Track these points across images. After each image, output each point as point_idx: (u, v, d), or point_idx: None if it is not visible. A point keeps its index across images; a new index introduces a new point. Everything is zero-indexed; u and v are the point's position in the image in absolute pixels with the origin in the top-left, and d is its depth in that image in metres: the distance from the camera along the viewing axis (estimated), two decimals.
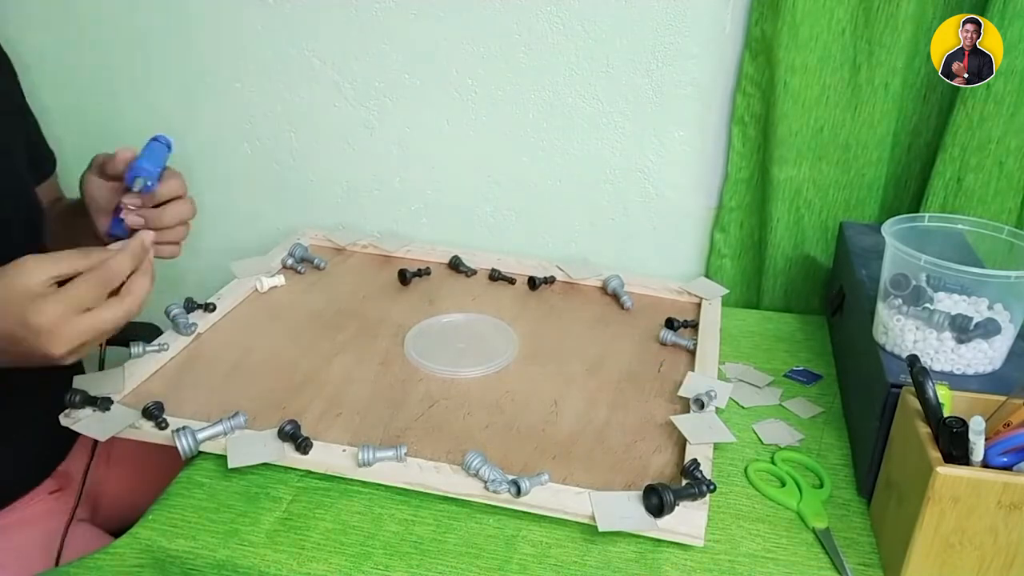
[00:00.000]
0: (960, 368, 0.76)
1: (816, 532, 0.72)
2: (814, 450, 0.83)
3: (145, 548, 0.70)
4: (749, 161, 1.08)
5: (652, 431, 0.82)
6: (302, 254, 1.11)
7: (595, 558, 0.69)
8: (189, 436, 0.75)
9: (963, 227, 0.83)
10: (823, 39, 0.97)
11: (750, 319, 1.07)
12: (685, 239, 1.17)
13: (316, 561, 0.67)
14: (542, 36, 1.09)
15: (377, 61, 1.15)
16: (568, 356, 0.94)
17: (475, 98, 1.14)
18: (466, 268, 1.12)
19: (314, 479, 0.76)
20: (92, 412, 0.78)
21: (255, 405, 0.83)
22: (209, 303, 0.97)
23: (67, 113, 1.24)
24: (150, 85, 1.22)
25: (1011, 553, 0.62)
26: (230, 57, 1.18)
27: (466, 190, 1.20)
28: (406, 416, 0.83)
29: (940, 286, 0.79)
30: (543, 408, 0.85)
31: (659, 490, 0.69)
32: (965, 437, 0.62)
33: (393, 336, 0.96)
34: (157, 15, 1.18)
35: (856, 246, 0.96)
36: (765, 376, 0.94)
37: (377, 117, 1.18)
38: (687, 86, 1.08)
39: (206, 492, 0.74)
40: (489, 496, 0.72)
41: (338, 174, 1.23)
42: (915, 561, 0.64)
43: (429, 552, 0.69)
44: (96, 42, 1.21)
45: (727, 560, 0.69)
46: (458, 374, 0.90)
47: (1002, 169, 0.97)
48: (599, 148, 1.14)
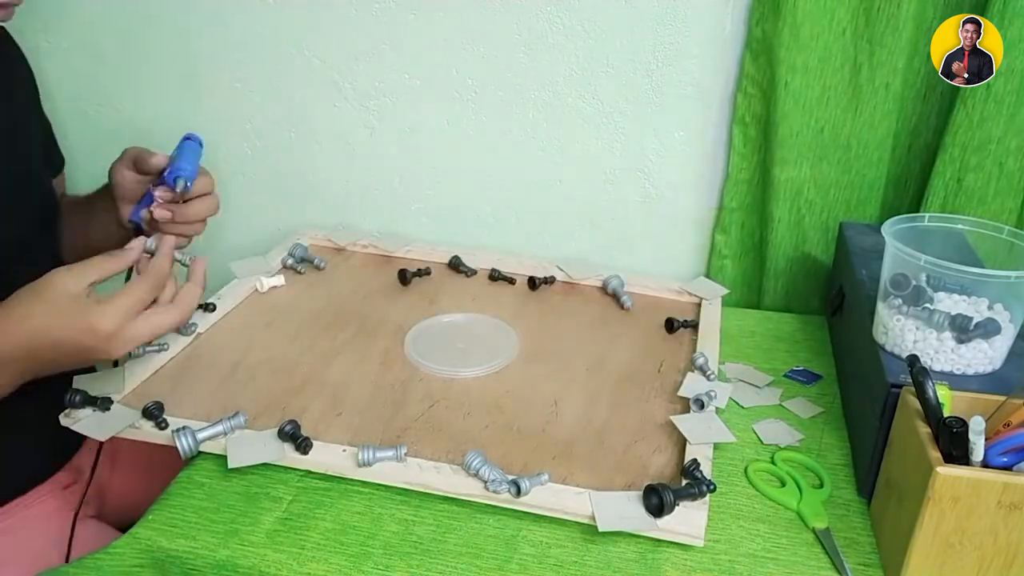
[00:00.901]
0: (960, 368, 0.76)
1: (816, 532, 0.72)
2: (814, 450, 0.83)
3: (145, 548, 0.70)
4: (750, 162, 1.08)
5: (652, 431, 0.82)
6: (302, 254, 1.11)
7: (595, 558, 0.69)
8: (189, 436, 0.75)
9: (963, 227, 0.83)
10: (824, 39, 0.97)
11: (750, 319, 1.07)
12: (685, 239, 1.17)
13: (316, 561, 0.67)
14: (542, 36, 1.09)
15: (377, 61, 1.15)
16: (568, 356, 0.94)
17: (475, 98, 1.14)
18: (466, 268, 1.12)
19: (314, 479, 0.76)
20: (92, 412, 0.78)
21: (255, 405, 0.83)
22: (209, 303, 0.97)
23: (67, 113, 1.24)
24: (150, 85, 1.22)
25: (1011, 553, 0.62)
26: (230, 57, 1.18)
27: (466, 190, 1.20)
28: (406, 416, 0.83)
29: (940, 286, 0.79)
30: (543, 408, 0.85)
31: (659, 490, 0.69)
32: (965, 437, 0.62)
33: (393, 336, 0.96)
34: (157, 15, 1.18)
35: (856, 246, 0.96)
36: (765, 376, 0.94)
37: (377, 117, 1.18)
38: (687, 86, 1.07)
39: (206, 492, 0.74)
40: (489, 496, 0.72)
41: (338, 174, 1.23)
42: (915, 561, 0.64)
43: (429, 552, 0.69)
44: (96, 42, 1.21)
45: (727, 560, 0.69)
46: (458, 374, 0.90)
47: (1002, 169, 0.97)
48: (599, 148, 1.13)
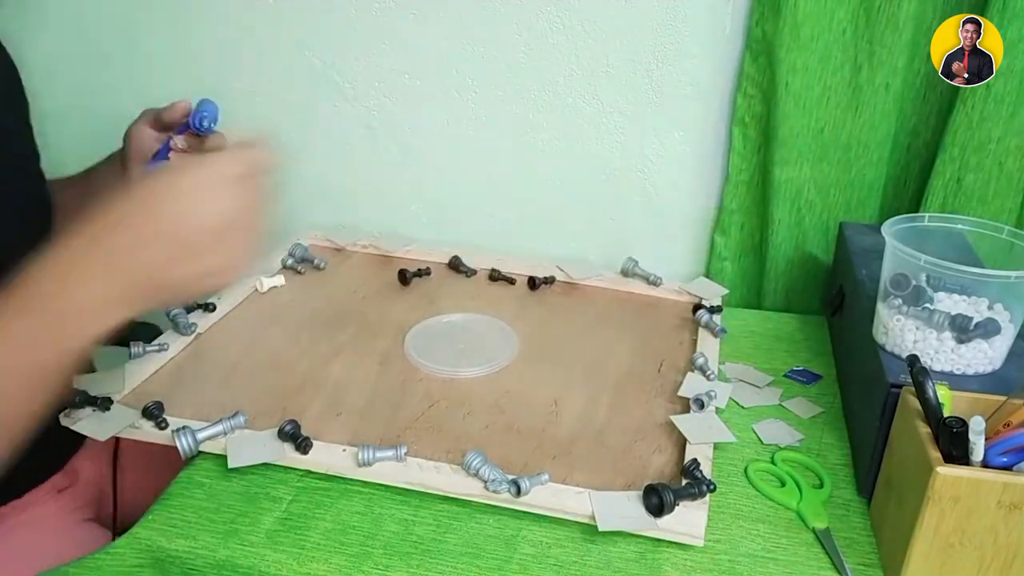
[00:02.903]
0: (960, 368, 0.76)
1: (816, 532, 0.72)
2: (814, 450, 0.83)
3: (145, 548, 0.70)
4: (750, 162, 1.08)
5: (652, 431, 0.82)
6: (302, 254, 1.11)
7: (595, 558, 0.69)
8: (189, 436, 0.75)
9: (963, 227, 0.83)
10: (824, 39, 0.97)
11: (750, 319, 1.07)
12: (685, 240, 1.17)
13: (316, 561, 0.67)
14: (542, 36, 1.09)
15: (377, 61, 1.15)
16: (568, 356, 0.94)
17: (475, 98, 1.14)
18: (466, 268, 1.12)
19: (314, 479, 0.76)
20: (92, 412, 0.78)
21: (255, 405, 0.83)
22: (209, 303, 0.97)
23: (67, 113, 1.24)
24: (150, 85, 1.22)
25: (1011, 553, 0.62)
26: (230, 57, 1.18)
27: (466, 190, 1.20)
28: (406, 416, 0.83)
29: (940, 286, 0.79)
30: (543, 408, 0.85)
31: (659, 490, 0.69)
32: (965, 437, 0.62)
33: (393, 336, 0.96)
34: (157, 15, 1.18)
35: (856, 246, 0.96)
36: (765, 376, 0.94)
37: (377, 117, 1.18)
38: (687, 86, 1.07)
39: (206, 492, 0.74)
40: (489, 496, 0.72)
41: (338, 174, 1.23)
42: (915, 561, 0.64)
43: (429, 552, 0.69)
44: (96, 42, 1.21)
45: (727, 560, 0.69)
46: (458, 374, 0.90)
47: (1002, 169, 0.97)
48: (599, 148, 1.13)
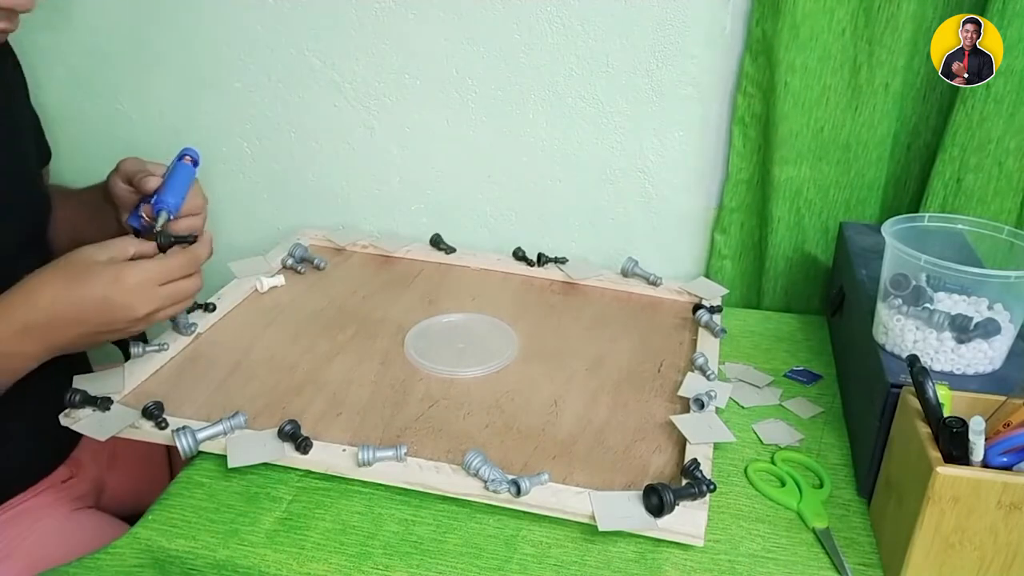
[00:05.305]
0: (960, 368, 0.76)
1: (816, 532, 0.72)
2: (814, 450, 0.83)
3: (145, 548, 0.70)
4: (749, 162, 1.08)
5: (652, 431, 0.82)
6: (302, 254, 1.11)
7: (595, 558, 0.69)
8: (189, 436, 0.75)
9: (963, 227, 0.83)
10: (824, 39, 0.97)
11: (750, 319, 1.07)
12: (685, 239, 1.17)
13: (316, 561, 0.67)
14: (542, 36, 1.08)
15: (377, 61, 1.15)
16: (568, 356, 0.94)
17: (475, 98, 1.14)
18: (446, 246, 1.15)
19: (314, 479, 0.76)
20: (92, 412, 0.78)
21: (255, 405, 0.83)
22: (209, 303, 0.97)
23: (67, 113, 1.24)
24: (150, 85, 1.22)
25: (1011, 553, 0.62)
26: (230, 57, 1.18)
27: (466, 190, 1.20)
28: (406, 416, 0.83)
29: (940, 286, 0.79)
30: (543, 408, 0.85)
31: (659, 490, 0.69)
32: (965, 437, 0.62)
33: (393, 336, 0.96)
34: (157, 15, 1.17)
35: (856, 246, 0.96)
36: (765, 376, 0.94)
37: (377, 117, 1.18)
38: (687, 86, 1.07)
39: (206, 492, 0.74)
40: (489, 496, 0.72)
41: (338, 174, 1.23)
42: (915, 561, 0.64)
43: (429, 552, 0.69)
44: (96, 42, 1.21)
45: (727, 560, 0.69)
46: (458, 374, 0.90)
47: (1002, 169, 0.97)
48: (599, 148, 1.13)
